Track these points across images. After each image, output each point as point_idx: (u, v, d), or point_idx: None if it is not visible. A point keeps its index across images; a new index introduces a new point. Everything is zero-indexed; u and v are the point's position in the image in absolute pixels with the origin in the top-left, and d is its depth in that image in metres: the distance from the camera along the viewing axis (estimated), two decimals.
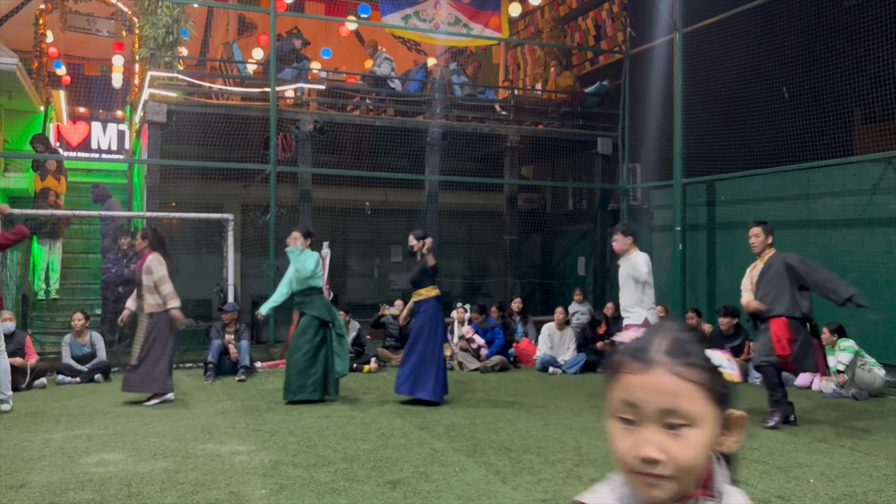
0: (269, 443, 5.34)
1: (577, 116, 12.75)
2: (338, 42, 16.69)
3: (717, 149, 10.13)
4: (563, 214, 13.68)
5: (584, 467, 4.72)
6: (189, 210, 10.17)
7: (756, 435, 5.70)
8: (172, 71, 10.44)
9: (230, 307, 9.01)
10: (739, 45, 9.80)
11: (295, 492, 4.17)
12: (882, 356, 7.91)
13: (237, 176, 10.92)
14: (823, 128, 8.60)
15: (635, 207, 12.19)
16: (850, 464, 4.86)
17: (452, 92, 12.08)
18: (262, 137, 10.60)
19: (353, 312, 9.47)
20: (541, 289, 13.82)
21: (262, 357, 9.57)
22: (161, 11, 10.36)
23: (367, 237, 12.64)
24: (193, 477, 4.45)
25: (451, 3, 12.43)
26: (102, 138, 17.54)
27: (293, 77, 11.06)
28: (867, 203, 8.55)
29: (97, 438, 5.46)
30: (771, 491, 4.23)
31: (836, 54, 8.58)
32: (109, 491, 4.18)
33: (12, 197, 12.14)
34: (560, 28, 14.51)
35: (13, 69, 10.28)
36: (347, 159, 11.98)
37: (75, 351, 8.23)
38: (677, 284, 10.76)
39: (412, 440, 5.45)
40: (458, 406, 6.88)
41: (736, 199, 10.35)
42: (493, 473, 4.57)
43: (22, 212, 9.69)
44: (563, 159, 13.96)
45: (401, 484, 4.33)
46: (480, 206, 13.05)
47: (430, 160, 11.50)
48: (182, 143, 10.88)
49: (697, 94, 10.49)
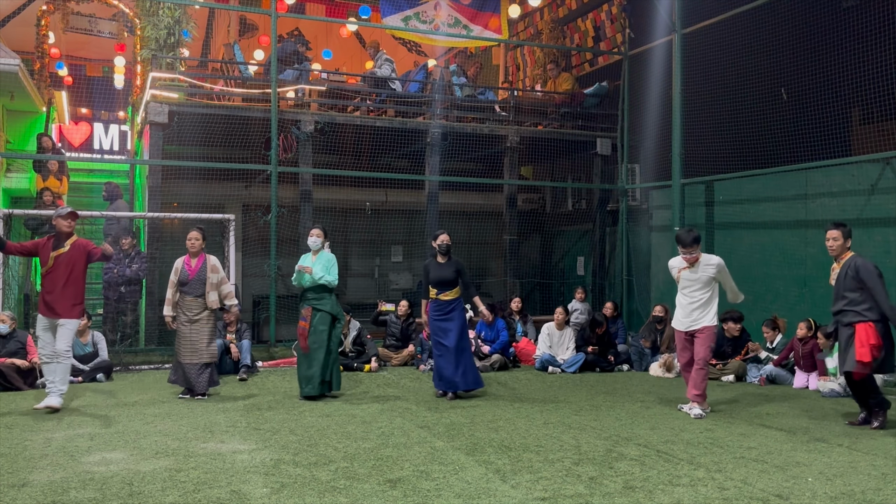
0: (271, 441, 5.38)
1: (576, 117, 12.79)
2: (338, 43, 16.75)
3: (715, 149, 10.16)
4: (563, 215, 13.71)
5: (584, 466, 4.75)
6: (190, 210, 10.20)
7: (754, 434, 5.74)
8: (174, 72, 10.49)
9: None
10: (738, 45, 9.84)
11: (296, 490, 4.21)
12: None
13: (238, 176, 10.96)
14: (822, 128, 8.63)
15: (634, 208, 12.23)
16: (849, 463, 4.89)
17: (452, 93, 12.11)
18: (263, 138, 10.64)
19: (353, 312, 9.50)
20: (540, 289, 13.85)
21: (263, 356, 9.60)
22: (163, 13, 10.41)
23: (368, 237, 12.68)
24: (195, 476, 4.49)
25: (451, 5, 12.47)
26: (104, 139, 17.60)
27: (294, 78, 11.10)
28: (865, 203, 8.58)
29: (99, 437, 5.49)
30: (769, 490, 4.26)
31: (835, 55, 8.61)
32: (111, 490, 4.21)
33: (14, 197, 12.19)
34: (559, 29, 14.55)
35: (15, 70, 10.33)
36: (348, 160, 12.02)
37: (77, 350, 8.25)
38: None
39: (412, 439, 5.48)
40: (458, 405, 6.91)
41: (734, 200, 10.39)
42: (492, 472, 4.60)
43: (23, 212, 9.75)
44: (562, 160, 14.00)
45: (401, 482, 4.36)
46: (480, 206, 13.09)
47: (430, 161, 11.54)
48: (183, 143, 10.93)
49: (696, 94, 10.52)
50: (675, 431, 5.81)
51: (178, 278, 7.10)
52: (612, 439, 5.51)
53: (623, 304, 11.86)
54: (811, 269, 8.92)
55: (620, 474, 4.56)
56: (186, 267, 7.13)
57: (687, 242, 6.50)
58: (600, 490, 4.23)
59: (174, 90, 10.21)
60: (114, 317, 9.70)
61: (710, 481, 4.43)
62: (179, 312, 7.09)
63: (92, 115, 18.03)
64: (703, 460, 4.92)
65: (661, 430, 5.87)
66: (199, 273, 7.09)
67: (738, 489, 4.27)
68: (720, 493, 4.19)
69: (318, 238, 7.30)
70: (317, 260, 7.28)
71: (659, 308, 9.83)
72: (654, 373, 9.05)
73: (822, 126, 8.62)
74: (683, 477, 4.52)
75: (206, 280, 7.08)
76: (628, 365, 9.53)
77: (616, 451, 5.14)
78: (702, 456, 5.04)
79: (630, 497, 4.11)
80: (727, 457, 5.01)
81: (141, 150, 11.91)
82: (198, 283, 7.06)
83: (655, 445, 5.33)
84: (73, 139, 16.88)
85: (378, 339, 9.81)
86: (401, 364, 9.53)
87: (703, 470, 4.68)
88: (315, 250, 7.32)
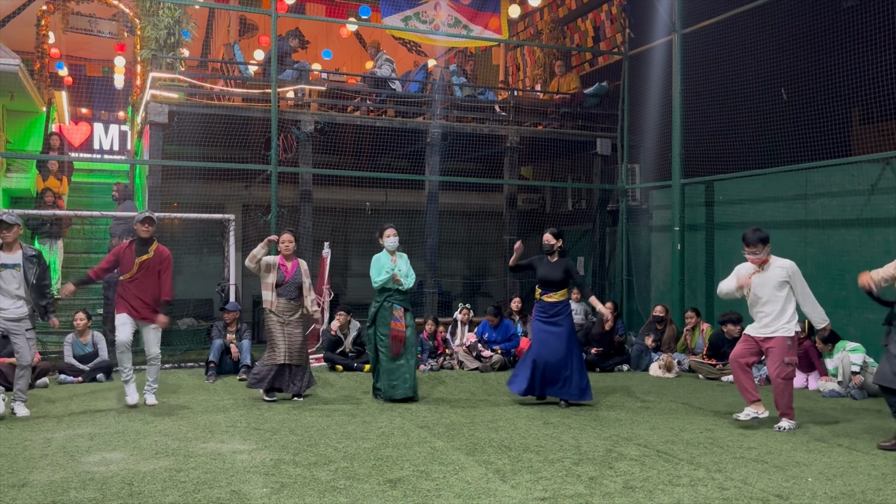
0: (270, 441, 5.38)
1: (576, 117, 12.79)
2: (338, 43, 16.74)
3: (715, 149, 10.16)
4: (563, 215, 13.71)
5: (583, 465, 4.75)
6: (191, 210, 10.20)
7: (754, 434, 5.74)
8: (174, 72, 10.48)
9: (232, 307, 9.05)
10: (738, 45, 9.84)
11: (296, 490, 4.21)
12: (880, 356, 7.94)
13: (238, 176, 10.96)
14: (822, 128, 8.63)
15: (634, 208, 12.23)
16: (848, 463, 4.89)
17: (452, 93, 12.12)
18: (263, 138, 10.64)
19: (353, 312, 9.50)
20: None
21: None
22: (162, 13, 10.40)
23: (368, 237, 12.64)
24: (195, 476, 4.49)
25: (451, 5, 12.47)
26: (104, 139, 17.61)
27: (294, 78, 11.11)
28: (865, 203, 8.58)
29: (99, 437, 5.50)
30: (769, 490, 4.26)
31: (835, 55, 8.61)
32: (111, 490, 4.21)
33: (14, 197, 12.19)
34: (559, 29, 14.55)
35: (15, 70, 10.32)
36: (348, 160, 12.02)
37: (77, 350, 8.27)
38: (676, 284, 10.79)
39: (412, 439, 5.48)
40: (458, 405, 6.91)
41: (734, 200, 10.39)
42: (492, 472, 4.60)
43: (23, 212, 9.73)
44: (562, 160, 14.00)
45: (401, 482, 4.36)
46: (480, 206, 13.09)
47: (430, 161, 11.54)
48: (183, 143, 10.93)
49: (696, 94, 10.52)
50: (675, 431, 5.81)
51: (275, 279, 7.05)
52: (612, 439, 5.51)
53: (623, 304, 11.86)
54: (811, 269, 8.91)
55: (620, 474, 4.56)
56: (283, 268, 7.11)
57: (752, 241, 6.03)
58: (600, 490, 4.23)
59: (174, 90, 10.21)
60: (114, 317, 9.68)
61: (710, 481, 4.43)
62: (273, 314, 7.05)
63: (92, 115, 18.02)
64: (703, 460, 4.92)
65: (661, 430, 5.88)
66: (294, 277, 7.11)
67: (738, 489, 4.27)
68: (720, 493, 4.19)
69: (396, 238, 7.24)
70: (399, 261, 7.26)
71: (659, 308, 9.83)
72: (653, 373, 9.06)
73: (822, 126, 8.62)
74: (683, 477, 4.52)
75: (300, 284, 7.12)
76: (627, 365, 9.53)
77: (616, 451, 5.14)
78: (702, 456, 5.04)
79: (630, 497, 4.12)
80: (727, 457, 5.02)
81: (141, 150, 11.91)
82: (292, 286, 7.09)
83: (655, 445, 5.33)
84: (73, 139, 16.88)
85: None
86: None
87: (703, 470, 4.68)
88: (394, 250, 7.26)
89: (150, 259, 6.76)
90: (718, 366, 8.65)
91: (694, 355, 9.17)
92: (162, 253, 6.88)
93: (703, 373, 8.80)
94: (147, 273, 6.74)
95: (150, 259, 6.75)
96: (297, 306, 7.13)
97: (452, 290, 13.33)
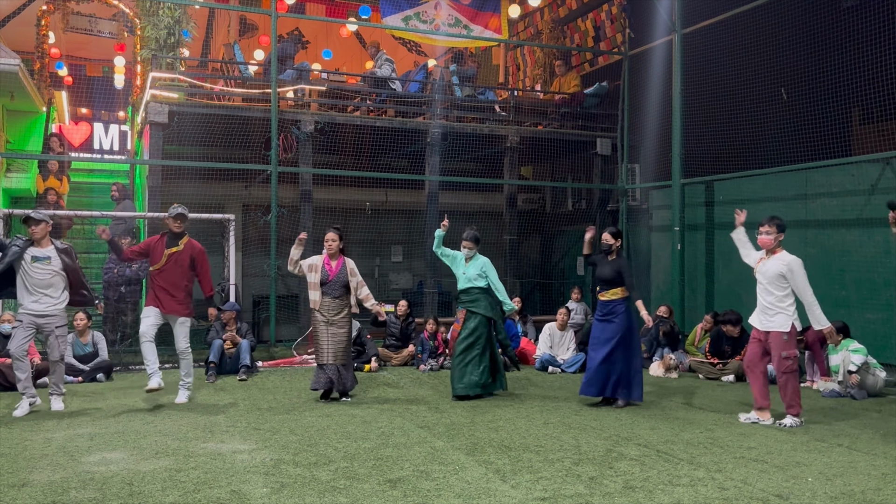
0: (270, 441, 5.38)
1: (576, 117, 12.79)
2: (338, 43, 16.74)
3: (715, 149, 10.17)
4: (563, 214, 13.71)
5: (583, 465, 4.75)
6: (191, 210, 10.14)
7: (754, 434, 5.74)
8: (174, 72, 10.49)
9: (229, 307, 9.04)
10: (738, 45, 9.84)
11: (296, 490, 4.21)
12: (881, 356, 7.95)
13: (238, 176, 10.97)
14: (822, 128, 8.64)
15: (634, 208, 12.23)
16: (849, 463, 4.89)
17: (452, 93, 12.12)
18: (263, 138, 10.64)
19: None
20: (540, 289, 13.86)
21: (263, 356, 9.60)
22: (163, 12, 10.41)
23: (368, 237, 12.67)
24: (195, 476, 4.49)
25: (451, 5, 12.48)
26: (104, 139, 17.60)
27: (294, 78, 11.11)
28: (865, 203, 8.58)
29: (99, 437, 5.50)
30: (769, 490, 4.26)
31: (835, 55, 8.61)
32: (111, 490, 4.21)
33: (14, 197, 12.19)
34: (559, 29, 14.55)
35: (15, 70, 10.32)
36: (348, 160, 12.02)
37: (77, 350, 8.26)
38: (676, 284, 10.80)
39: (412, 439, 5.48)
40: (458, 405, 6.91)
41: (734, 200, 10.39)
42: (492, 472, 4.60)
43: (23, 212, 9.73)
44: (562, 160, 14.01)
45: (401, 482, 4.36)
46: (480, 206, 13.09)
47: (430, 161, 11.54)
48: (183, 143, 10.93)
49: (696, 94, 10.52)
50: (675, 431, 5.81)
51: (319, 278, 6.99)
52: (612, 439, 5.51)
53: None
54: (811, 269, 8.86)
55: (620, 474, 4.56)
56: (327, 267, 7.05)
57: (767, 219, 6.10)
58: (600, 490, 4.23)
59: (174, 90, 10.21)
60: (114, 317, 9.71)
61: (710, 481, 4.43)
62: (318, 313, 7.00)
63: (92, 115, 18.02)
64: (703, 460, 4.92)
65: (661, 430, 5.88)
66: (339, 275, 7.03)
67: (738, 489, 4.27)
68: (720, 493, 4.19)
69: (466, 250, 7.46)
70: (470, 265, 7.41)
71: (663, 308, 9.82)
72: (653, 373, 9.05)
73: (822, 126, 8.63)
74: (683, 477, 4.52)
75: (346, 282, 7.05)
76: None
77: (616, 451, 5.14)
78: (702, 456, 5.04)
79: (630, 497, 4.12)
80: (727, 457, 5.02)
81: (141, 150, 11.91)
82: (337, 284, 7.01)
83: (655, 445, 5.33)
84: (73, 139, 16.87)
85: (378, 339, 9.81)
86: (401, 364, 9.53)
87: (703, 470, 4.68)
88: (468, 258, 7.46)
89: (180, 252, 6.85)
90: (719, 365, 8.65)
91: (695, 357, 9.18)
92: (194, 247, 6.95)
93: (703, 373, 8.80)
94: (175, 266, 6.81)
95: (179, 252, 6.85)
96: (343, 305, 7.03)
97: (452, 290, 13.32)
